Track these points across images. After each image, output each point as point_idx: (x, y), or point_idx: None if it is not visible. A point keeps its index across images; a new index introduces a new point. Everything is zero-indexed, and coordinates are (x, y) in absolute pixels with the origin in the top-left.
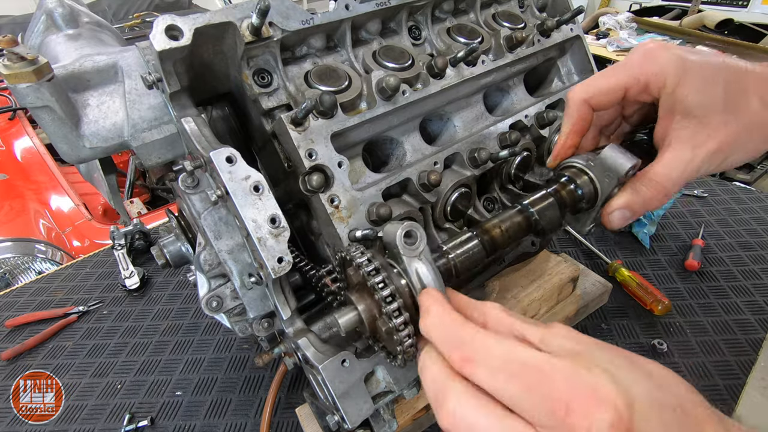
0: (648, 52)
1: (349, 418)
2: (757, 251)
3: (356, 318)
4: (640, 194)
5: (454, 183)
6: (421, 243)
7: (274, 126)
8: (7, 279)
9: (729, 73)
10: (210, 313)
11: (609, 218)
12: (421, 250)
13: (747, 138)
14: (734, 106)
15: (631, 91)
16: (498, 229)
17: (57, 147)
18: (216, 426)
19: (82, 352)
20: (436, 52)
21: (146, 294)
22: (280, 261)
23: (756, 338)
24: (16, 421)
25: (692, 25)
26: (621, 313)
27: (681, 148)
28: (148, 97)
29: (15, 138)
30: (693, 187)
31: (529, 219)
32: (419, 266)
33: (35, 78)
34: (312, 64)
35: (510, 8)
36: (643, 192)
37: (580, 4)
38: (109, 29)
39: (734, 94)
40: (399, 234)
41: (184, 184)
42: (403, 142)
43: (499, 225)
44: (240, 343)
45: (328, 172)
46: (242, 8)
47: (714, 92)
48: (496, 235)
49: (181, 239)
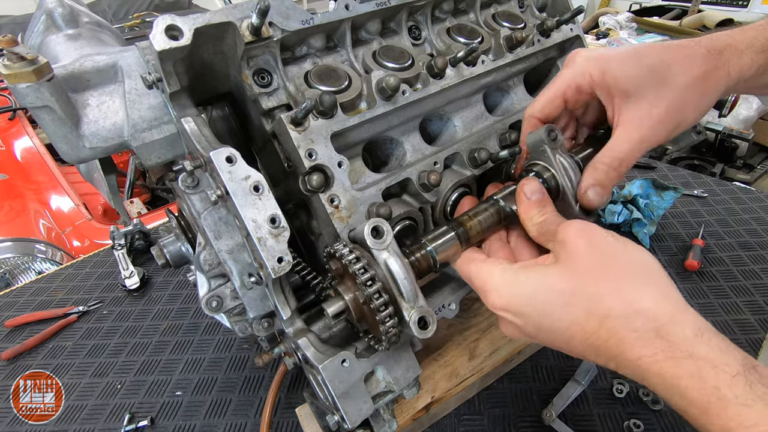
0: (569, 59)
1: (349, 418)
2: (757, 251)
3: (343, 306)
4: (599, 170)
5: (454, 183)
6: (388, 236)
7: (274, 126)
8: (7, 279)
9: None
10: (210, 313)
11: (586, 197)
12: (388, 243)
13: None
14: (662, 78)
15: (569, 95)
16: (471, 222)
17: (57, 147)
18: (216, 426)
19: (82, 352)
20: (436, 52)
21: (146, 294)
22: (280, 261)
23: (756, 338)
24: (16, 421)
25: (692, 25)
26: None
27: (626, 123)
28: (148, 97)
29: (15, 138)
30: (693, 187)
31: (499, 211)
32: (387, 258)
33: (35, 78)
34: (312, 64)
35: (510, 8)
36: (600, 168)
37: (579, 4)
38: (109, 29)
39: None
40: (366, 230)
41: (184, 184)
42: (403, 142)
43: (472, 218)
44: (240, 343)
45: (328, 172)
46: (242, 8)
47: (639, 70)
48: (469, 227)
49: (181, 239)
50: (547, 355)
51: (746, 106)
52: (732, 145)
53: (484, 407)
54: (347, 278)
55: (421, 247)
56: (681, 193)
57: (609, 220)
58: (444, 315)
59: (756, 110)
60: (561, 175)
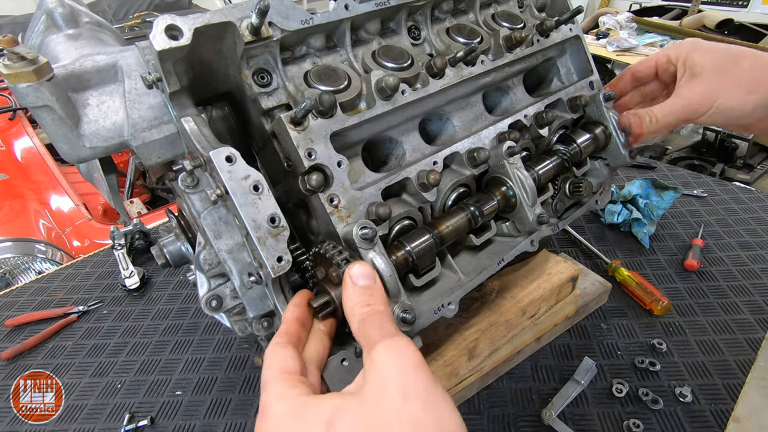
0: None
1: None
2: (757, 251)
3: (327, 299)
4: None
5: (453, 182)
6: (375, 238)
7: (273, 126)
8: (7, 279)
9: (730, 49)
10: (209, 312)
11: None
12: (375, 243)
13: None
14: (725, 67)
15: (660, 62)
16: (445, 226)
17: (57, 147)
18: (216, 426)
19: (82, 352)
20: (436, 52)
21: (146, 294)
22: (280, 260)
23: (755, 338)
24: (16, 421)
25: (692, 25)
26: (620, 312)
27: (676, 94)
28: (147, 97)
29: (15, 138)
30: (693, 187)
31: (470, 219)
32: (374, 257)
33: (35, 78)
34: (311, 63)
35: (509, 8)
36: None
37: (579, 4)
38: (109, 29)
39: (728, 60)
40: (356, 231)
41: (184, 183)
42: (402, 141)
43: (446, 222)
44: (240, 342)
45: (328, 172)
46: (242, 8)
47: (712, 58)
48: (443, 231)
49: (181, 239)
50: (547, 355)
51: None
52: (732, 145)
53: (483, 407)
54: (334, 275)
55: (401, 247)
56: (681, 193)
57: (609, 220)
58: (443, 314)
59: None
60: (518, 187)
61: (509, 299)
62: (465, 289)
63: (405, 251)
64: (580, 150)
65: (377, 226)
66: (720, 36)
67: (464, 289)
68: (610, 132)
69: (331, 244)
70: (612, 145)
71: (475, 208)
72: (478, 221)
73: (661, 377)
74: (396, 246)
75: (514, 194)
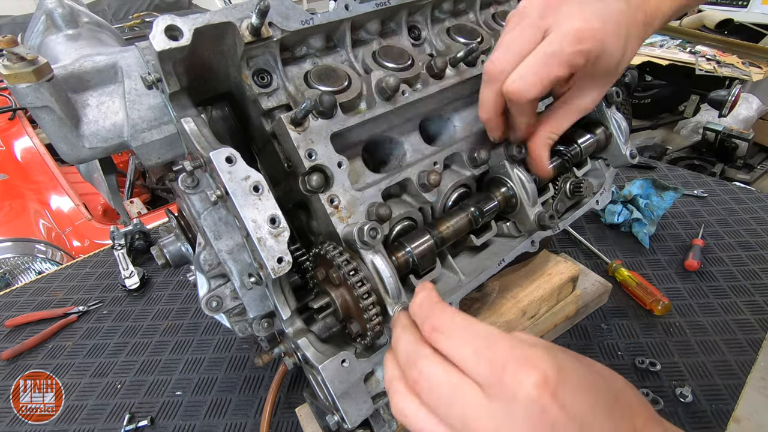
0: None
1: (348, 418)
2: (757, 251)
3: (327, 300)
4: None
5: (453, 183)
6: (377, 239)
7: (273, 126)
8: (7, 279)
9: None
10: (210, 313)
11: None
12: (375, 245)
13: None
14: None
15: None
16: (446, 227)
17: (57, 147)
18: (216, 426)
19: (82, 352)
20: (436, 52)
21: (146, 294)
22: (280, 261)
23: (756, 338)
24: (16, 421)
25: (692, 25)
26: (621, 312)
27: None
28: (147, 98)
29: (15, 138)
30: (693, 187)
31: (470, 220)
32: (374, 257)
33: (35, 78)
34: (312, 64)
35: (510, 8)
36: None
37: None
38: (109, 29)
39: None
40: (356, 232)
41: (184, 184)
42: (402, 142)
43: (447, 223)
44: (240, 343)
45: (328, 172)
46: (242, 8)
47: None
48: (444, 231)
49: (181, 239)
50: None
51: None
52: (732, 145)
53: None
54: (335, 276)
55: (401, 247)
56: (681, 194)
57: (609, 220)
58: None
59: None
60: (519, 188)
61: (509, 299)
62: (465, 290)
63: (405, 252)
64: (580, 150)
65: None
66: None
67: (465, 290)
68: (611, 132)
69: (332, 245)
70: (613, 145)
71: (475, 209)
72: (478, 222)
73: (661, 377)
74: (396, 247)
75: (514, 195)
